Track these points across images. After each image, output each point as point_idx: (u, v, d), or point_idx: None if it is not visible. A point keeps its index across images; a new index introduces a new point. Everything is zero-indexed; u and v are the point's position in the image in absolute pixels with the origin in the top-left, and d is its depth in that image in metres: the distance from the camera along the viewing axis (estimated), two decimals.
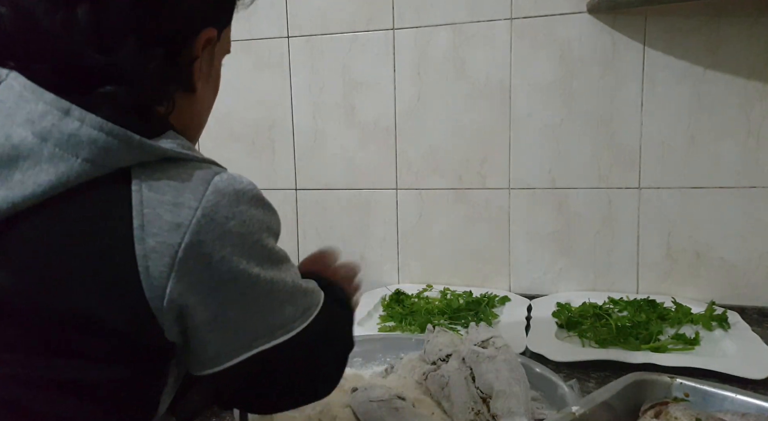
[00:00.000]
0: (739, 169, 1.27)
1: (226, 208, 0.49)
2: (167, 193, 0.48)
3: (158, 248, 0.47)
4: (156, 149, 0.50)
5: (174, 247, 0.47)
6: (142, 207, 0.47)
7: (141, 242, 0.46)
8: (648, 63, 1.29)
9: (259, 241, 0.51)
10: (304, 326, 0.54)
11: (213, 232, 0.48)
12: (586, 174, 1.35)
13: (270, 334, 0.51)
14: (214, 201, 0.48)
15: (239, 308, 0.50)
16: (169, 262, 0.47)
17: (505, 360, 0.76)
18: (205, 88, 0.61)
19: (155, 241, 0.47)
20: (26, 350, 0.48)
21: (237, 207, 0.49)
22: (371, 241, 1.51)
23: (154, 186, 0.48)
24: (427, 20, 1.40)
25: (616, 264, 1.37)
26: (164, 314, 0.48)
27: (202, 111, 0.64)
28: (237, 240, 0.49)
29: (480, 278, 1.45)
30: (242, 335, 0.50)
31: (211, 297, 0.49)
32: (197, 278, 0.48)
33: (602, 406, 0.68)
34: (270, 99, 1.53)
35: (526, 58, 1.35)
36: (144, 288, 0.47)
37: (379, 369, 0.94)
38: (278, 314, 0.52)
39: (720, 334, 1.11)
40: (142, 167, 0.49)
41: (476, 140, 1.41)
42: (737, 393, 0.70)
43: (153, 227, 0.47)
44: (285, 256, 0.55)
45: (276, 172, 1.55)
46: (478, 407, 0.73)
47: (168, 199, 0.48)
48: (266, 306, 0.51)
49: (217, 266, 0.48)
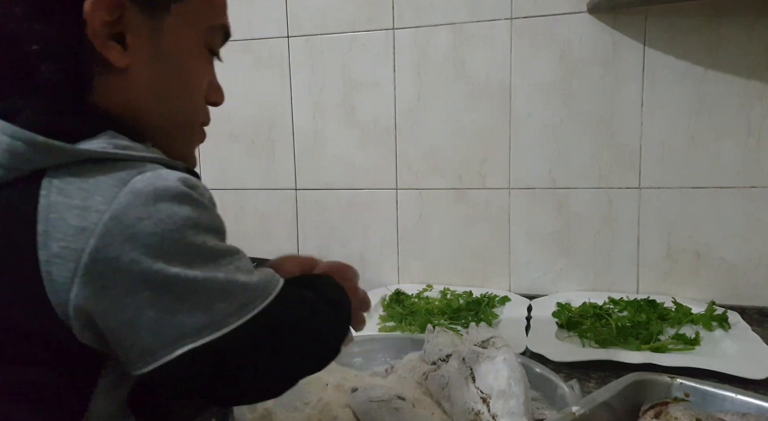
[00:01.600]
0: (739, 169, 1.27)
1: (138, 209, 0.46)
2: (76, 197, 0.46)
3: (62, 253, 0.45)
4: (69, 150, 0.48)
5: (77, 252, 0.45)
6: (48, 212, 0.46)
7: (44, 248, 0.46)
8: (648, 63, 1.29)
9: (180, 239, 0.48)
10: (241, 323, 0.50)
11: (121, 234, 0.46)
12: (586, 174, 1.35)
13: (197, 333, 0.48)
14: (126, 202, 0.46)
15: (158, 309, 0.47)
16: (72, 267, 0.45)
17: (505, 360, 0.76)
18: (148, 65, 0.55)
19: (59, 246, 0.45)
20: None
21: (153, 206, 0.47)
22: (371, 241, 1.51)
23: (64, 190, 0.47)
24: (427, 20, 1.40)
25: (616, 264, 1.37)
26: (71, 319, 0.47)
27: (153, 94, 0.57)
28: (151, 240, 0.46)
29: (480, 278, 1.45)
30: (166, 336, 0.47)
31: (126, 301, 0.47)
32: (107, 282, 0.46)
33: (602, 406, 0.68)
34: (270, 99, 1.53)
35: (526, 58, 1.35)
36: (47, 294, 0.46)
37: (379, 369, 0.93)
38: (205, 312, 0.48)
39: (720, 334, 1.11)
40: (58, 170, 0.48)
41: (476, 140, 1.41)
42: (737, 393, 0.70)
43: (58, 232, 0.46)
44: (221, 251, 0.51)
45: (276, 172, 1.55)
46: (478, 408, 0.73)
47: (76, 204, 0.46)
48: (190, 305, 0.48)
49: (127, 268, 0.46)
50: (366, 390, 0.78)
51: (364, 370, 0.95)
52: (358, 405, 0.76)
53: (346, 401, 0.80)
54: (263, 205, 1.57)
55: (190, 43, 0.59)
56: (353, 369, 0.93)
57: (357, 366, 0.96)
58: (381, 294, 1.40)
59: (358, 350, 0.98)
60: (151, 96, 0.57)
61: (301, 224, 1.55)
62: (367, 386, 0.79)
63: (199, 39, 0.60)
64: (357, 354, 0.98)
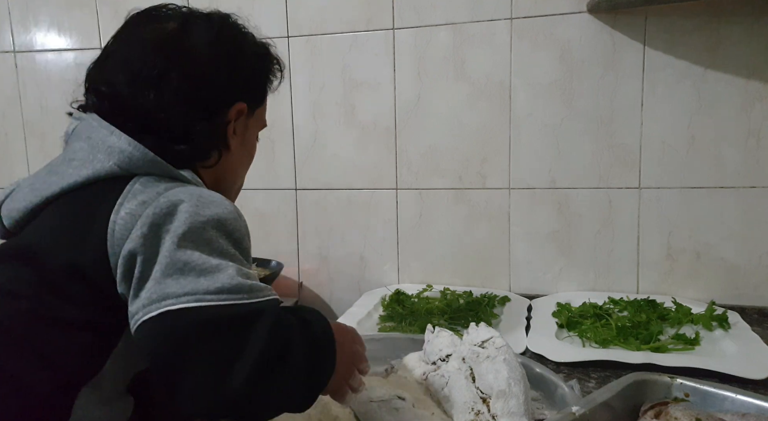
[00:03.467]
0: (739, 169, 1.27)
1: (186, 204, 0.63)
2: (150, 189, 0.66)
3: (126, 217, 0.63)
4: (164, 166, 0.69)
5: (136, 217, 0.62)
6: (128, 193, 0.65)
7: (116, 213, 0.63)
8: (648, 63, 1.29)
9: (200, 230, 0.62)
10: (216, 304, 0.58)
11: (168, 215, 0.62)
12: (586, 174, 1.35)
13: (176, 298, 0.58)
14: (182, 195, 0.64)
15: (161, 271, 0.60)
16: (130, 227, 0.62)
17: (505, 360, 0.76)
18: (239, 150, 0.82)
19: (125, 212, 0.63)
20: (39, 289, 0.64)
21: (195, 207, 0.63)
22: (371, 241, 1.51)
23: (144, 183, 0.67)
24: (427, 20, 1.40)
25: (616, 264, 1.37)
26: (117, 267, 0.62)
27: (236, 168, 0.84)
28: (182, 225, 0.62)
29: (480, 278, 1.45)
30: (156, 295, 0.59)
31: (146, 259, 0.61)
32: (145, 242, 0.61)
33: (602, 406, 0.68)
34: (270, 99, 1.52)
35: (526, 58, 1.35)
36: (107, 246, 0.62)
37: (379, 369, 0.93)
38: (192, 284, 0.59)
39: (720, 334, 1.11)
40: (149, 176, 0.68)
41: (476, 140, 1.41)
42: (737, 393, 0.70)
43: (128, 204, 0.64)
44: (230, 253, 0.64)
45: (276, 172, 1.55)
46: (478, 407, 0.73)
47: (148, 192, 0.65)
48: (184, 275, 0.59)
49: (161, 236, 0.61)
50: (366, 390, 0.78)
51: None
52: (358, 405, 0.76)
53: None
54: (263, 205, 1.57)
55: (254, 135, 0.88)
56: None
57: None
58: (381, 294, 1.40)
59: None
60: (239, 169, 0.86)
61: (301, 224, 1.55)
62: (367, 386, 0.79)
63: (257, 132, 0.88)
64: None
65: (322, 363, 0.63)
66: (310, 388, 0.62)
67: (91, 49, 1.62)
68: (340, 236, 1.52)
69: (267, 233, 1.57)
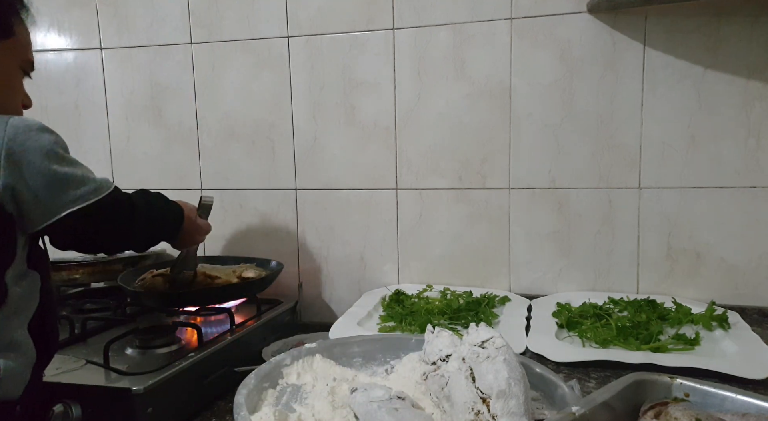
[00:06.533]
0: (739, 169, 1.28)
1: (22, 135, 0.77)
2: None
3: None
4: None
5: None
6: None
7: None
8: (648, 63, 1.29)
9: (52, 150, 0.79)
10: (97, 199, 0.83)
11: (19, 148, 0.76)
12: (586, 174, 1.36)
13: (73, 203, 0.81)
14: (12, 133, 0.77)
15: (50, 189, 0.79)
16: None
17: (505, 360, 0.76)
18: None
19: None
20: None
21: (29, 133, 0.78)
22: (371, 241, 1.51)
23: None
24: (427, 20, 1.40)
25: (616, 264, 1.37)
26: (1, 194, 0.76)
27: None
28: (37, 151, 0.77)
29: (480, 278, 1.45)
30: (52, 205, 0.79)
31: (31, 184, 0.77)
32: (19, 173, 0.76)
33: (602, 406, 0.68)
34: (270, 99, 1.53)
35: (526, 58, 1.35)
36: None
37: (379, 369, 0.93)
38: (75, 191, 0.81)
39: (720, 334, 1.12)
40: None
41: (476, 140, 1.41)
42: (737, 393, 0.70)
43: None
44: (76, 161, 0.84)
45: (276, 172, 1.55)
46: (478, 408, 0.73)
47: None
48: (66, 187, 0.80)
49: (28, 167, 0.77)
50: (366, 390, 0.78)
51: (364, 370, 0.95)
52: (358, 405, 0.76)
53: (346, 401, 0.80)
54: (263, 205, 1.57)
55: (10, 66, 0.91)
56: (353, 369, 0.93)
57: (357, 366, 0.96)
58: (381, 294, 1.40)
59: (358, 350, 0.98)
60: None
61: (301, 224, 1.55)
62: (367, 386, 0.79)
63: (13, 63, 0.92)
64: (357, 354, 0.98)
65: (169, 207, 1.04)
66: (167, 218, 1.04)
67: (91, 49, 1.63)
68: (340, 236, 1.52)
69: (267, 233, 1.57)
